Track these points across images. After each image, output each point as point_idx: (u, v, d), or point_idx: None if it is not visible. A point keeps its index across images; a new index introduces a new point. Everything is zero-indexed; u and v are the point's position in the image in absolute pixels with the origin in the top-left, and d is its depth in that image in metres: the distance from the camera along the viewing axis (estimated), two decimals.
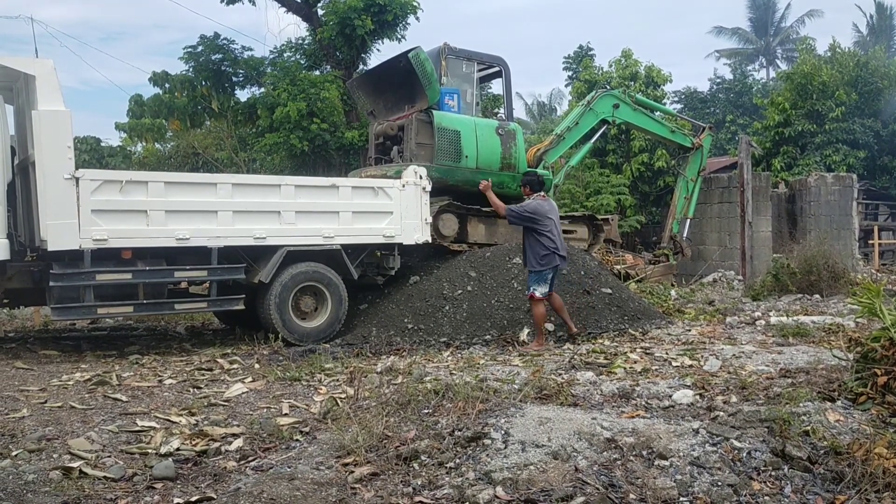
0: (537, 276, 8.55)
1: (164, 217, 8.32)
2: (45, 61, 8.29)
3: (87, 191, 7.90)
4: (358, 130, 19.83)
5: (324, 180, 10.08)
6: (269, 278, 8.90)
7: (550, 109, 44.25)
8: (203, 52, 20.84)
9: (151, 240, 8.28)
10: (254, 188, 9.15)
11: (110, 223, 8.05)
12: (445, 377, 6.47)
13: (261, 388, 6.69)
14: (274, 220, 9.03)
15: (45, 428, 5.21)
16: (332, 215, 9.43)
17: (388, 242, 9.81)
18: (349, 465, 4.36)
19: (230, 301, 8.97)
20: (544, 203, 8.79)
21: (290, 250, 9.05)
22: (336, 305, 9.40)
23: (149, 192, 8.28)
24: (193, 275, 8.75)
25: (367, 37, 19.68)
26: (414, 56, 10.50)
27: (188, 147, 26.12)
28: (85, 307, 7.99)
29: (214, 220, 8.64)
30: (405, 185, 9.84)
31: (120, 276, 8.15)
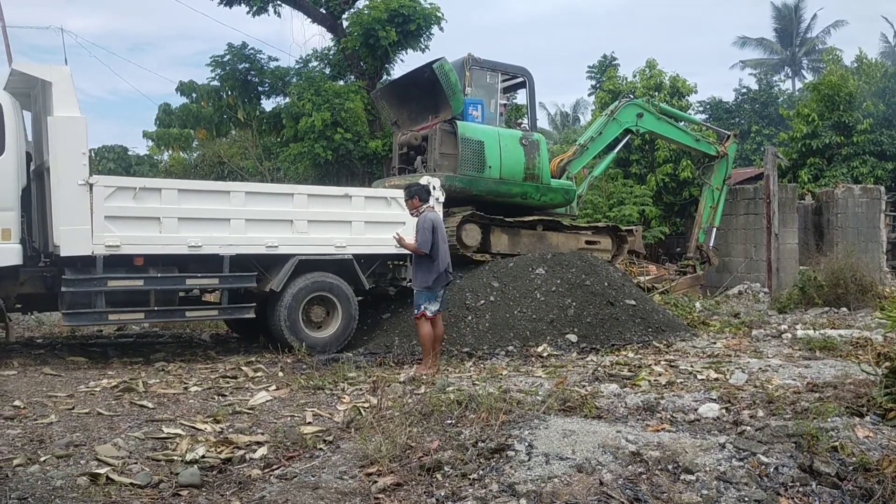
0: (429, 295, 7.99)
1: (176, 224, 8.34)
2: (61, 68, 8.37)
3: (101, 197, 7.94)
4: (381, 140, 19.91)
5: (337, 190, 10.07)
6: (280, 287, 8.87)
7: (573, 119, 44.14)
8: (229, 62, 21.06)
9: (164, 247, 8.30)
10: (267, 196, 9.13)
11: (123, 230, 8.08)
12: (468, 387, 6.45)
13: (285, 396, 6.72)
14: (286, 229, 9.01)
15: (73, 434, 5.27)
16: (345, 225, 9.40)
17: (400, 253, 9.61)
18: (373, 474, 4.37)
19: (241, 309, 8.94)
20: (437, 216, 8.41)
21: (302, 259, 9.03)
22: (347, 316, 9.34)
23: (162, 200, 8.31)
24: (205, 282, 8.71)
25: (391, 47, 19.77)
26: (438, 67, 10.54)
27: (214, 156, 26.39)
28: (96, 313, 8.02)
29: (227, 228, 8.64)
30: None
31: (132, 283, 8.19)
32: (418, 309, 8.02)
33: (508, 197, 11.43)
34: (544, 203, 11.95)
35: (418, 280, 8.10)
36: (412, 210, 8.35)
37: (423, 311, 7.95)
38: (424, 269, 8.01)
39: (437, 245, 7.94)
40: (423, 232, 8.00)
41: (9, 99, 8.24)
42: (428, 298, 7.96)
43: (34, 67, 8.44)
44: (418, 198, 8.24)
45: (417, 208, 8.23)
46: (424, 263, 8.01)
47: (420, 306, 7.99)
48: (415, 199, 8.24)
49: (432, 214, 8.22)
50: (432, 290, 7.95)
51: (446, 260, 8.01)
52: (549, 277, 10.17)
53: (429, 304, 7.95)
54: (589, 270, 10.47)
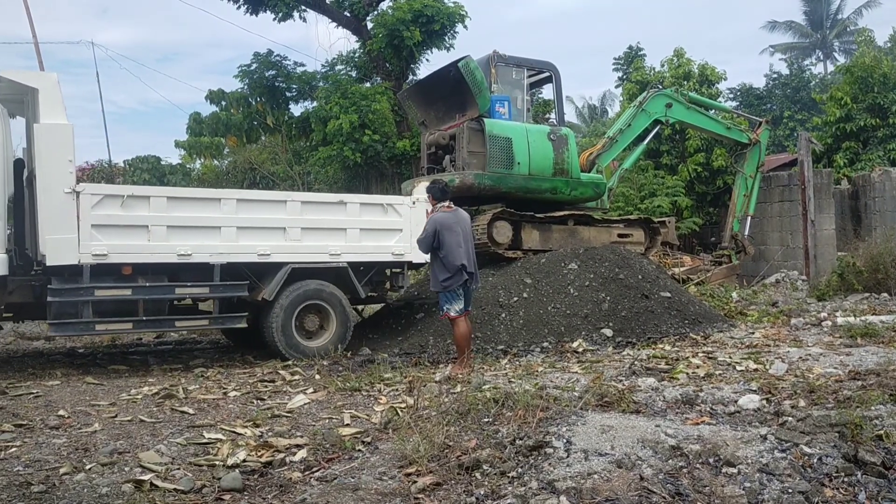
0: (448, 295, 7.92)
1: (165, 232, 8.21)
2: (48, 75, 8.31)
3: (88, 205, 7.83)
4: (409, 140, 19.97)
5: (331, 196, 9.84)
6: (272, 296, 8.72)
7: (601, 112, 43.81)
8: (257, 69, 21.27)
9: (152, 255, 8.15)
10: (259, 204, 8.96)
11: (111, 238, 7.96)
12: (504, 385, 6.45)
13: (322, 398, 6.77)
14: (279, 237, 8.84)
15: (117, 441, 5.36)
16: (340, 232, 9.19)
17: (396, 261, 9.56)
18: (412, 475, 4.38)
19: (233, 319, 8.83)
20: (448, 216, 8.03)
21: (295, 267, 8.85)
22: (341, 325, 9.15)
23: (151, 207, 8.19)
24: (195, 291, 8.52)
25: (416, 47, 19.82)
26: (464, 65, 10.54)
27: (245, 162, 26.70)
28: (83, 323, 7.89)
29: (218, 236, 8.50)
30: (416, 202, 9.59)
31: (119, 292, 8.04)
32: (441, 310, 8.06)
33: (538, 193, 11.40)
34: (575, 197, 11.89)
35: (432, 281, 8.13)
36: (429, 209, 8.55)
37: (446, 312, 7.95)
38: (436, 269, 8.01)
39: (443, 244, 7.82)
40: (423, 231, 8.07)
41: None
42: (448, 299, 7.91)
43: (20, 74, 8.37)
44: (431, 196, 8.30)
45: (433, 205, 8.31)
46: (436, 264, 8.00)
47: (442, 307, 8.00)
48: (430, 198, 8.36)
49: (438, 215, 8.03)
50: (449, 289, 7.87)
51: (459, 259, 7.80)
52: (582, 272, 10.12)
53: (450, 305, 7.89)
54: (622, 264, 10.40)
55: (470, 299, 8.27)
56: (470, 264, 7.92)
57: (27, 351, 10.04)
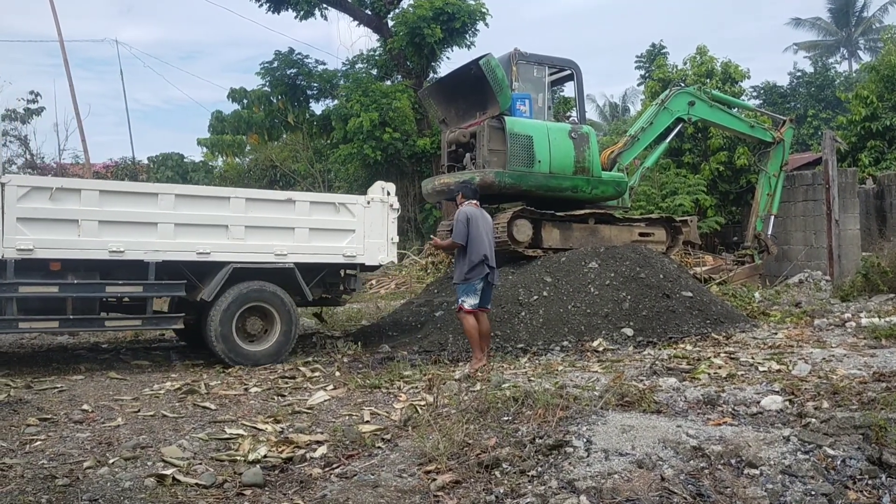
0: (466, 287, 8.03)
1: (97, 227, 7.83)
2: None
3: (13, 197, 7.47)
4: (430, 138, 20.00)
5: (279, 194, 9.44)
6: (211, 296, 8.30)
7: (623, 110, 43.59)
8: (278, 68, 21.42)
9: (82, 251, 7.77)
10: (200, 200, 8.58)
11: (37, 232, 7.58)
12: (524, 384, 6.44)
13: (342, 395, 6.80)
14: (221, 235, 8.45)
15: (139, 436, 5.42)
16: (287, 231, 8.80)
17: (348, 262, 9.21)
18: (431, 472, 4.39)
19: (168, 320, 8.56)
20: (475, 209, 8.28)
21: (237, 267, 8.44)
22: (286, 328, 8.71)
23: (81, 201, 7.80)
24: (127, 290, 8.11)
25: (437, 45, 19.85)
26: (485, 63, 10.51)
27: (266, 160, 26.87)
28: (5, 321, 7.52)
29: (154, 233, 8.11)
30: (370, 202, 9.23)
31: (46, 290, 7.66)
32: (458, 302, 8.20)
33: (559, 191, 11.35)
34: (596, 196, 11.83)
35: (456, 273, 8.27)
36: (458, 205, 8.62)
37: (460, 305, 8.07)
38: (460, 261, 8.18)
39: (472, 238, 8.05)
40: (457, 224, 8.18)
41: None
42: (466, 291, 8.05)
43: None
44: (462, 194, 8.49)
45: (461, 203, 8.45)
46: (460, 256, 8.18)
47: (459, 299, 8.15)
48: (460, 195, 8.53)
49: (467, 208, 8.30)
50: (469, 282, 8.03)
51: (482, 251, 8.03)
52: (603, 271, 10.08)
53: (467, 298, 8.03)
54: (643, 263, 10.34)
55: (489, 297, 8.36)
56: (491, 258, 8.13)
57: (51, 346, 10.16)
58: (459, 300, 8.10)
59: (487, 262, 8.06)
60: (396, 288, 16.31)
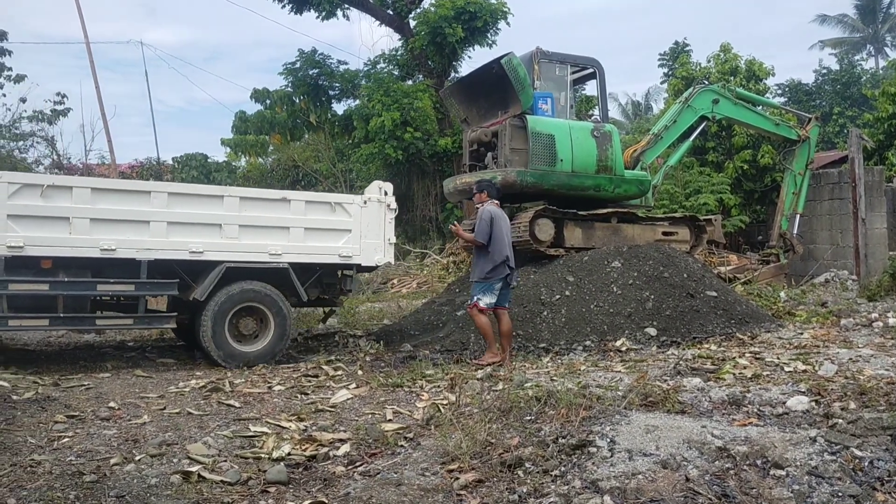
0: (483, 286, 8.11)
1: (88, 225, 7.78)
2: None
3: (4, 194, 7.47)
4: (451, 138, 20.00)
5: (274, 193, 9.25)
6: (204, 296, 8.23)
7: (646, 108, 43.30)
8: (301, 68, 21.51)
9: (73, 249, 7.73)
10: (192, 198, 8.49)
11: (28, 230, 7.56)
12: (546, 383, 6.42)
13: (365, 394, 6.82)
14: (214, 234, 8.37)
15: (165, 433, 5.46)
16: (282, 231, 8.70)
17: (344, 263, 9.09)
18: (454, 471, 4.40)
19: (160, 319, 8.55)
20: (497, 209, 8.38)
21: (231, 267, 8.36)
22: (280, 329, 8.63)
23: (73, 198, 7.77)
24: (119, 289, 8.09)
25: (458, 44, 19.84)
26: (507, 62, 10.50)
27: (288, 160, 27.01)
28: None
29: (146, 231, 8.06)
30: (367, 202, 9.10)
31: (36, 287, 7.63)
32: (471, 299, 8.24)
33: (581, 190, 11.31)
34: (618, 195, 11.77)
35: (475, 271, 8.33)
36: (477, 203, 8.67)
37: (475, 302, 8.15)
38: (481, 260, 8.25)
39: (494, 238, 8.12)
40: (480, 223, 8.23)
41: None
42: (483, 290, 8.14)
43: None
44: (486, 193, 8.54)
45: (483, 202, 8.49)
46: (482, 254, 8.25)
47: (474, 297, 8.20)
48: (482, 194, 8.57)
49: (491, 207, 8.37)
50: (488, 281, 8.13)
51: (504, 252, 8.13)
52: (626, 270, 10.03)
53: (483, 296, 8.13)
54: (667, 262, 10.28)
55: (508, 296, 8.43)
56: (512, 259, 8.25)
57: (78, 344, 10.28)
58: (474, 297, 8.19)
59: (508, 262, 8.18)
60: (418, 287, 16.33)
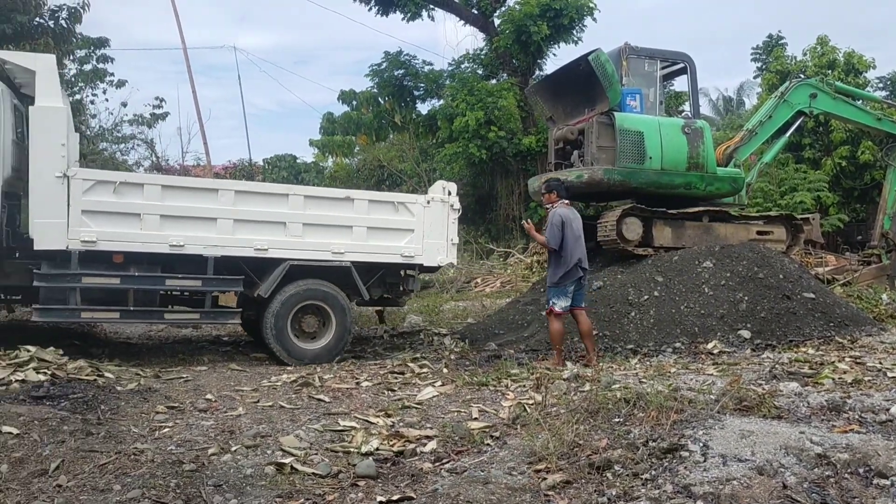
0: (557, 290, 8.05)
1: (158, 222, 7.97)
2: (46, 57, 8.16)
3: (79, 190, 7.65)
4: (535, 136, 19.90)
5: (337, 192, 9.28)
6: (268, 293, 8.35)
7: (737, 104, 41.93)
8: (387, 69, 21.81)
9: (144, 245, 7.92)
10: (259, 196, 8.61)
11: (101, 225, 7.76)
12: (635, 385, 6.31)
13: (450, 392, 6.86)
14: (279, 232, 8.46)
15: (259, 425, 5.63)
16: (345, 229, 8.72)
17: (405, 262, 9.04)
18: (541, 471, 4.38)
19: (226, 315, 8.62)
20: (568, 211, 8.24)
21: (294, 264, 8.43)
22: (341, 328, 8.64)
23: (144, 195, 7.97)
24: (186, 284, 8.26)
25: (543, 42, 19.72)
26: (594, 58, 10.36)
27: (374, 160, 27.43)
28: (68, 310, 7.75)
29: (213, 228, 8.19)
30: (430, 202, 9.06)
31: (108, 281, 7.84)
32: (548, 304, 8.24)
33: (671, 188, 11.05)
34: (710, 193, 11.44)
35: (549, 276, 8.30)
36: (547, 204, 8.55)
37: (550, 307, 8.12)
38: (553, 264, 8.20)
39: (566, 241, 8.02)
40: (550, 228, 8.14)
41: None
42: (557, 294, 8.10)
43: (19, 56, 8.33)
44: (556, 193, 8.40)
45: (553, 203, 8.37)
46: (553, 259, 8.19)
47: (549, 301, 8.18)
48: (552, 194, 8.43)
49: (562, 210, 8.23)
50: (560, 286, 8.06)
51: (576, 255, 8.04)
52: (718, 271, 9.75)
53: (557, 300, 8.08)
54: (761, 262, 9.94)
55: (582, 297, 8.35)
56: (584, 261, 8.18)
57: (177, 338, 10.72)
58: (550, 302, 8.17)
59: (581, 264, 8.10)
60: (502, 286, 16.30)
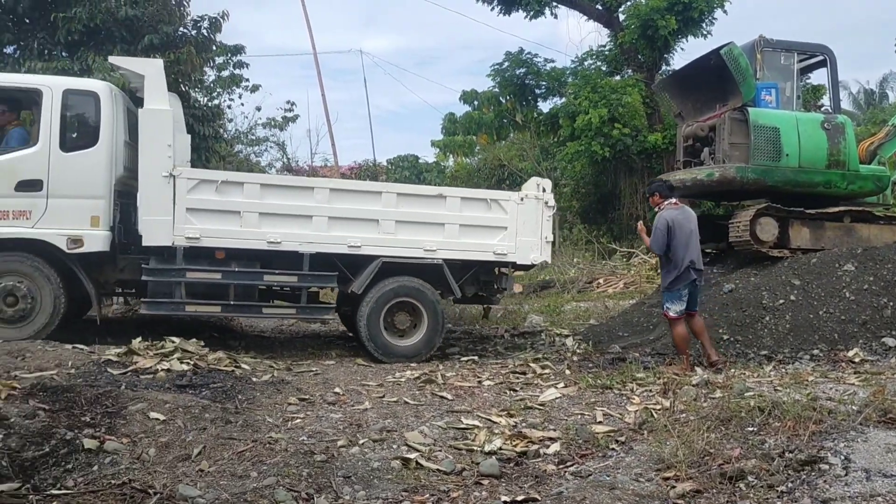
0: (670, 295, 7.81)
1: (257, 219, 8.25)
2: (154, 61, 8.59)
3: (184, 189, 8.01)
4: (661, 133, 19.36)
5: (430, 189, 9.35)
6: (361, 290, 8.45)
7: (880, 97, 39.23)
8: (508, 68, 21.79)
9: (243, 241, 8.23)
10: (352, 194, 8.77)
11: (204, 222, 8.12)
12: (769, 393, 6.04)
13: (573, 394, 6.79)
14: (372, 229, 8.56)
15: (385, 420, 5.78)
16: (437, 227, 8.72)
17: (498, 260, 8.95)
18: (670, 479, 4.27)
19: (321, 310, 8.92)
20: (676, 212, 7.87)
21: (386, 261, 8.50)
22: (432, 325, 8.66)
23: (244, 194, 8.26)
24: (283, 280, 8.48)
25: (671, 36, 19.13)
26: (727, 52, 9.96)
27: (494, 159, 27.49)
28: (174, 303, 8.11)
29: (309, 226, 8.39)
30: (524, 199, 8.94)
31: (209, 276, 8.21)
32: (663, 309, 8.03)
33: (809, 187, 10.47)
34: (852, 192, 10.76)
35: (662, 279, 8.12)
36: (654, 206, 8.29)
37: (665, 312, 7.92)
38: (664, 268, 7.99)
39: (675, 244, 7.73)
40: (654, 232, 7.89)
41: (107, 91, 8.30)
42: (670, 298, 7.86)
43: (130, 61, 8.77)
44: (658, 194, 8.15)
45: (658, 205, 8.10)
46: (664, 263, 7.99)
47: (664, 305, 7.97)
48: (655, 196, 8.19)
49: (668, 212, 7.89)
50: (673, 290, 7.81)
51: (688, 258, 7.73)
52: (860, 274, 9.17)
53: (672, 305, 7.83)
54: None
55: (696, 300, 8.06)
56: (698, 262, 7.87)
57: (307, 332, 11.13)
58: (665, 306, 7.95)
59: (694, 266, 7.78)
60: (625, 287, 15.95)
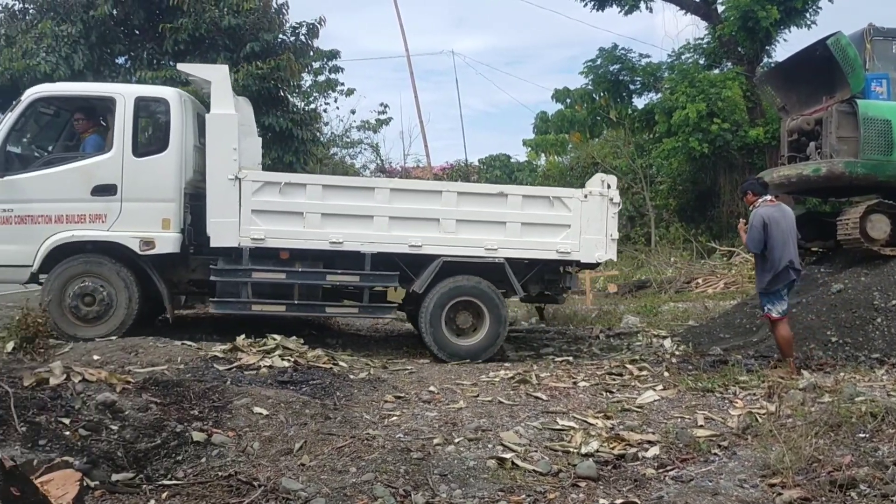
0: (769, 297, 7.51)
1: (319, 220, 8.33)
2: (220, 67, 8.79)
3: (249, 191, 8.18)
4: (763, 128, 18.71)
5: (491, 187, 9.26)
6: (422, 289, 8.44)
7: None
8: (601, 65, 21.53)
9: (306, 242, 8.34)
10: (412, 194, 8.79)
11: (268, 223, 8.27)
12: (882, 398, 5.75)
13: (672, 396, 6.64)
14: (432, 228, 8.54)
15: (480, 419, 5.80)
16: (498, 226, 8.62)
17: (561, 259, 8.75)
18: (776, 486, 4.14)
19: (382, 309, 8.95)
20: (773, 210, 7.54)
21: (447, 261, 8.46)
22: (495, 324, 8.57)
23: (307, 195, 8.37)
24: (345, 279, 8.54)
25: (773, 27, 18.49)
26: (834, 42, 9.52)
27: (587, 157, 27.16)
28: (241, 303, 8.31)
29: (370, 225, 8.44)
30: (587, 196, 8.70)
31: (274, 276, 8.36)
32: (763, 310, 7.74)
33: None
34: None
35: (757, 281, 7.81)
36: (749, 205, 8.02)
37: (767, 313, 7.62)
38: (760, 268, 7.68)
39: (771, 243, 7.42)
40: (750, 230, 7.61)
41: (177, 97, 8.50)
42: (770, 300, 7.57)
43: (195, 67, 9.07)
44: (751, 192, 7.87)
45: (752, 203, 7.82)
46: (759, 262, 7.68)
47: (764, 308, 7.66)
48: (748, 195, 7.92)
49: (764, 209, 7.58)
50: (772, 291, 7.51)
51: (786, 257, 7.41)
52: None
53: (773, 305, 7.54)
54: None
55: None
56: (797, 261, 7.61)
57: (401, 331, 11.29)
58: (765, 309, 7.63)
59: (792, 265, 7.48)
60: (725, 287, 15.47)
